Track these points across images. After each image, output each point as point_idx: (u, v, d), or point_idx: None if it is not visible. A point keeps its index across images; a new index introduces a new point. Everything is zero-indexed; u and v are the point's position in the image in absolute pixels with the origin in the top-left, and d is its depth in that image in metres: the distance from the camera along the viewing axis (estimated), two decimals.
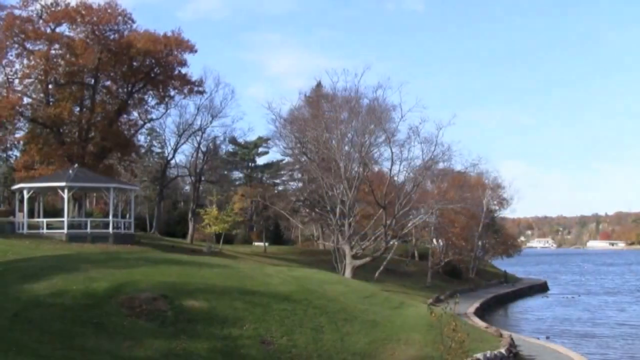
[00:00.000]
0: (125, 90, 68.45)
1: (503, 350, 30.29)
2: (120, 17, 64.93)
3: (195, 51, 69.15)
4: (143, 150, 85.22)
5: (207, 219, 69.70)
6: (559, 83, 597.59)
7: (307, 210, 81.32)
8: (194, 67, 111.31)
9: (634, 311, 68.95)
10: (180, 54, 68.16)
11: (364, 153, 61.72)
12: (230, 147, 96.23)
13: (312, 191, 73.77)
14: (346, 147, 63.45)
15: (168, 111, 78.55)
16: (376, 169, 73.50)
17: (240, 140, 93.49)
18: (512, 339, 34.70)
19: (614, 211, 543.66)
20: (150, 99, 72.94)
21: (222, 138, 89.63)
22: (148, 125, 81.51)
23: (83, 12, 62.61)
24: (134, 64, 66.24)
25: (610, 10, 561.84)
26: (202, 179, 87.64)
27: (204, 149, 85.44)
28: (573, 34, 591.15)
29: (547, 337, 46.86)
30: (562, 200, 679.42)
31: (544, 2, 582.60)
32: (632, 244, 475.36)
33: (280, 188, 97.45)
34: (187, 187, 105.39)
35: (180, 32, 68.12)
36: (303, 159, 72.23)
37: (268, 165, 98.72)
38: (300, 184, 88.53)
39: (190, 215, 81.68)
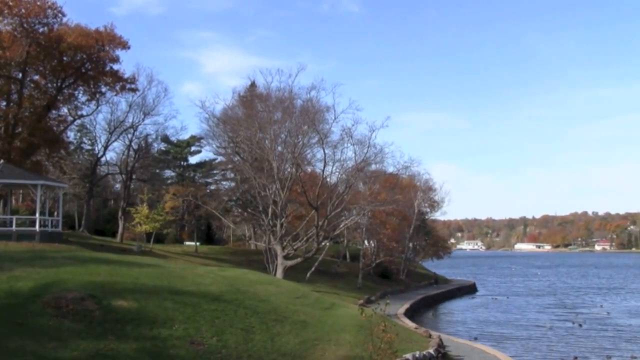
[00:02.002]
0: (54, 85, 66.87)
1: (432, 351, 30.63)
2: (50, 10, 63.30)
3: (128, 47, 68.11)
4: (72, 147, 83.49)
5: (137, 217, 68.84)
6: (490, 88, 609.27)
7: (239, 210, 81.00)
8: (126, 64, 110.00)
9: (553, 313, 70.83)
10: (112, 50, 66.97)
11: (297, 154, 61.73)
12: (163, 146, 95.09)
13: (244, 191, 73.52)
14: (279, 148, 63.42)
15: (99, 108, 77.35)
16: (309, 169, 73.65)
17: (173, 138, 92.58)
18: (440, 340, 35.15)
19: (541, 214, 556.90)
20: (80, 95, 71.52)
21: (154, 136, 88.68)
22: (78, 121, 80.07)
23: (11, 3, 60.84)
24: (64, 58, 64.77)
25: (540, 19, 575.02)
26: (133, 177, 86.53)
27: (135, 146, 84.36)
28: (505, 41, 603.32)
29: (475, 338, 47.58)
30: (492, 203, 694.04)
31: (479, 8, 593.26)
32: (558, 246, 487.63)
33: (212, 187, 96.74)
34: (118, 185, 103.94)
35: (113, 28, 67.00)
36: (236, 159, 71.87)
37: (200, 165, 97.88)
38: (232, 184, 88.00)
39: (120, 213, 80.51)
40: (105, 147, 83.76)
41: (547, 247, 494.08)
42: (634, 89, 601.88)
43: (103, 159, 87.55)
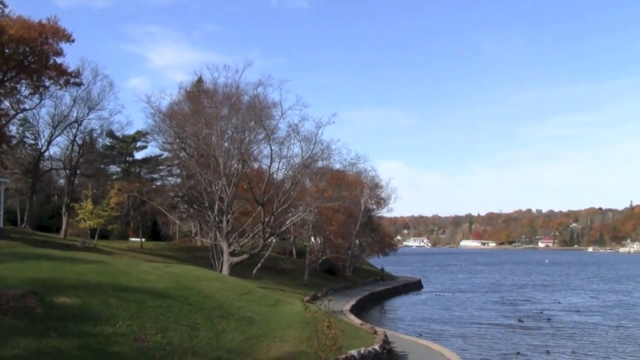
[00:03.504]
0: None
1: (377, 347, 30.89)
2: None
3: (73, 41, 66.88)
4: (14, 142, 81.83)
5: (81, 213, 67.94)
6: (438, 85, 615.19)
7: (186, 206, 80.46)
8: (71, 58, 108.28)
9: (496, 310, 72.00)
10: (56, 43, 65.67)
11: (243, 150, 61.60)
12: (108, 141, 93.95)
13: (190, 187, 73.06)
14: (226, 144, 63.20)
15: (42, 102, 75.79)
16: (255, 166, 73.49)
17: (118, 133, 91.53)
18: (386, 336, 35.45)
19: (486, 212, 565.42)
20: (23, 88, 69.88)
21: (99, 131, 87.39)
22: (20, 115, 78.39)
23: None
24: (6, 51, 63.43)
25: (487, 16, 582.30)
26: (78, 172, 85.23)
27: (79, 141, 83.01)
28: (453, 38, 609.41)
29: (420, 335, 48.05)
30: (438, 201, 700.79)
31: (427, 5, 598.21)
32: (502, 243, 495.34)
33: (158, 183, 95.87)
34: (62, 181, 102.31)
35: (57, 20, 65.67)
36: (182, 155, 71.44)
37: (146, 160, 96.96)
38: (178, 180, 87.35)
39: (64, 209, 79.28)
40: (49, 142, 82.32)
41: (492, 244, 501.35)
42: (578, 89, 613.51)
43: (46, 153, 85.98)
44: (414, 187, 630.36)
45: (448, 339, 49.18)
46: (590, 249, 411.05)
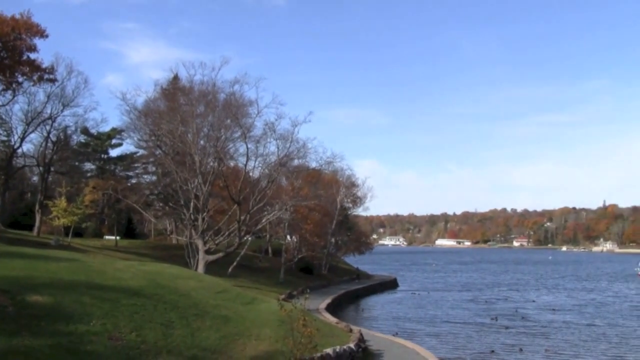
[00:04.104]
0: None
1: (352, 345, 30.88)
2: None
3: (46, 36, 66.20)
4: None
5: (55, 211, 67.35)
6: (413, 85, 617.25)
7: (161, 204, 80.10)
8: (45, 54, 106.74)
9: (471, 308, 72.37)
10: (29, 39, 65.00)
11: (219, 148, 61.40)
12: (82, 138, 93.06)
13: (166, 185, 72.71)
14: (202, 142, 62.96)
15: (15, 98, 74.88)
16: (231, 164, 73.32)
17: (93, 130, 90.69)
18: (361, 334, 35.47)
19: (461, 211, 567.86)
20: None
21: (73, 128, 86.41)
22: None
23: None
24: None
25: (462, 16, 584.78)
26: (52, 169, 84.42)
27: (54, 138, 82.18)
28: (428, 38, 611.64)
29: (396, 334, 48.09)
30: (414, 200, 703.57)
31: (404, 4, 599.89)
32: (477, 242, 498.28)
33: (133, 181, 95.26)
34: (35, 178, 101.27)
35: (31, 16, 65.02)
36: (157, 152, 71.03)
37: (121, 158, 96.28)
38: (154, 178, 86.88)
39: (37, 206, 78.50)
40: (22, 139, 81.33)
41: (467, 243, 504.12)
42: (551, 89, 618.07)
43: (19, 150, 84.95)
44: (390, 186, 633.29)
45: (423, 338, 49.37)
46: (564, 248, 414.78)
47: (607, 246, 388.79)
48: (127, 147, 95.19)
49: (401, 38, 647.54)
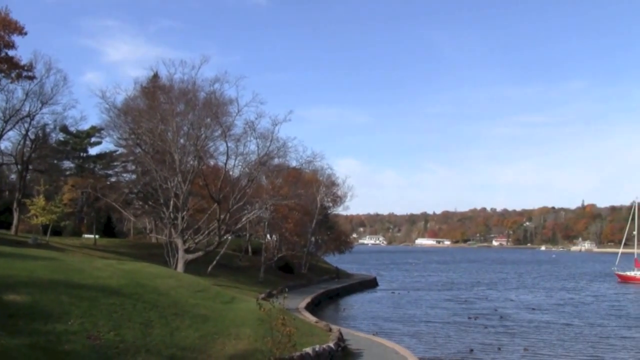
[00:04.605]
0: None
1: (332, 344, 30.91)
2: None
3: (25, 33, 65.82)
4: None
5: (33, 209, 66.92)
6: (394, 84, 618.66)
7: (140, 202, 79.79)
8: (23, 51, 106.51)
9: (450, 308, 72.69)
10: (7, 35, 64.60)
11: (199, 146, 61.29)
12: (61, 136, 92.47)
13: (145, 183, 72.44)
14: (182, 140, 62.80)
15: None
16: (211, 163, 73.29)
17: (72, 129, 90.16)
18: (341, 333, 35.52)
19: (441, 210, 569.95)
20: None
21: (52, 126, 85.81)
22: None
23: None
24: None
25: (444, 16, 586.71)
26: (30, 167, 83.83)
27: (32, 136, 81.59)
28: (410, 37, 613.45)
29: (375, 333, 48.16)
30: (394, 199, 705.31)
31: (385, 3, 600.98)
32: (457, 242, 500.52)
33: (113, 179, 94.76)
34: (13, 176, 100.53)
35: (9, 12, 64.64)
36: (137, 151, 70.72)
37: (101, 156, 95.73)
38: (133, 176, 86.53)
39: (15, 205, 77.93)
40: (0, 136, 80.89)
41: (447, 243, 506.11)
42: (531, 90, 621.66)
43: None
44: (371, 185, 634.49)
45: (402, 337, 49.49)
46: (543, 248, 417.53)
47: (586, 246, 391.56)
48: (106, 145, 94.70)
49: (382, 38, 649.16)
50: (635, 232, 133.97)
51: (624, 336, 52.56)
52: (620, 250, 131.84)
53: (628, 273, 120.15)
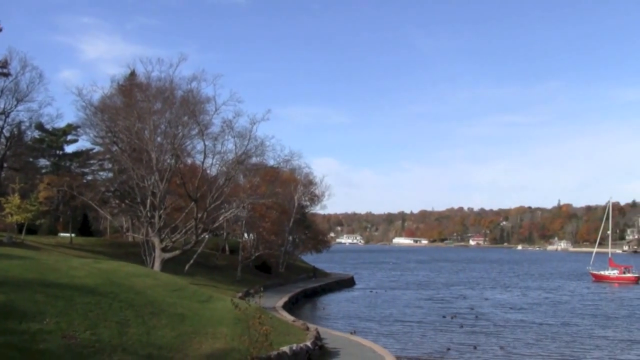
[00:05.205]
0: None
1: (309, 343, 30.93)
2: None
3: (0, 30, 65.44)
4: None
5: (8, 208, 66.29)
6: (373, 83, 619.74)
7: (117, 201, 79.38)
8: None
9: (427, 306, 73.00)
10: None
11: (176, 145, 61.11)
12: (37, 134, 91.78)
13: (122, 182, 72.07)
14: (159, 138, 62.59)
15: None
16: (189, 161, 73.00)
17: (48, 126, 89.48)
18: (318, 332, 35.56)
19: (418, 209, 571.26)
20: None
21: (27, 123, 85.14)
22: None
23: None
24: None
25: (422, 15, 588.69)
26: (5, 165, 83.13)
27: (7, 134, 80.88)
28: (389, 36, 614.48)
29: (353, 332, 48.20)
30: (371, 198, 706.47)
31: (363, 3, 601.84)
32: (434, 241, 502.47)
33: (89, 178, 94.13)
34: None
35: None
36: (114, 149, 70.30)
37: (77, 154, 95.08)
38: (110, 174, 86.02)
39: None
40: None
41: (424, 242, 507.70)
42: (508, 90, 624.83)
43: None
44: (348, 184, 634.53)
45: (379, 336, 49.62)
46: (519, 247, 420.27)
47: (562, 245, 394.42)
48: (82, 143, 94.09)
49: (361, 37, 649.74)
50: (609, 232, 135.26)
51: (598, 335, 53.06)
52: (595, 249, 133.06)
53: (602, 272, 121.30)
